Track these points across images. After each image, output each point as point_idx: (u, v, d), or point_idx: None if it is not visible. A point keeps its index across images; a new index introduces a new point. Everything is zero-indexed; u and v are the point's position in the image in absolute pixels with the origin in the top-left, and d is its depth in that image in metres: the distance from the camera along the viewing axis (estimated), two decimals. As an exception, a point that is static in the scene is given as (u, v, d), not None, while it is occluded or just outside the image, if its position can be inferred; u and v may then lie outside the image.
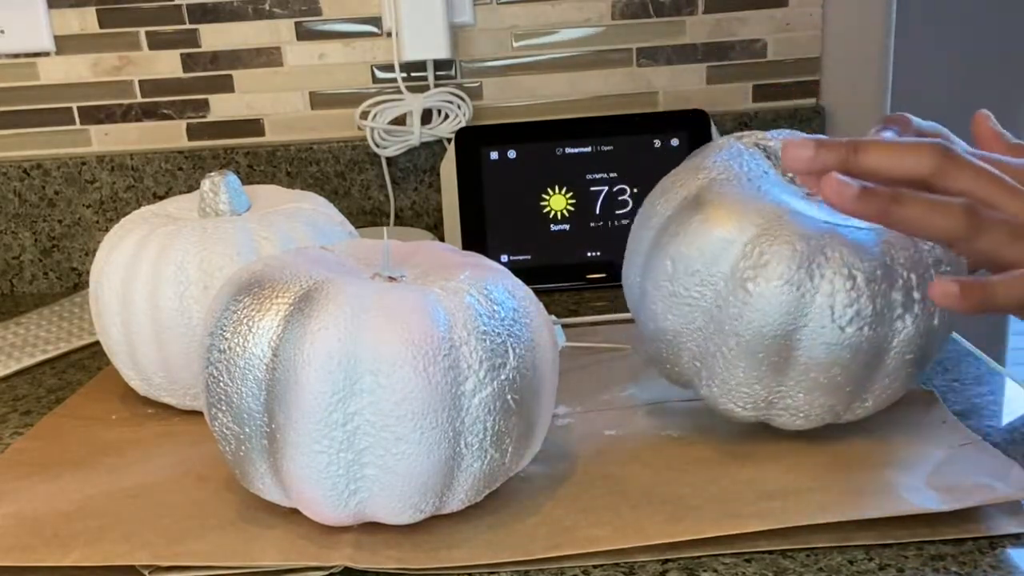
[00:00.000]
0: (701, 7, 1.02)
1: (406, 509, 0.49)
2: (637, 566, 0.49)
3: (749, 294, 0.52)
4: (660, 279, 0.56)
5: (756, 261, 0.52)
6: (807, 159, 0.47)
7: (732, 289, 0.53)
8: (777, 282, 0.51)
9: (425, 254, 0.56)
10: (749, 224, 0.53)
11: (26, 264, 1.07)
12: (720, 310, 0.53)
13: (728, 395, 0.56)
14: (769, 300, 0.52)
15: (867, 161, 0.46)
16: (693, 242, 0.54)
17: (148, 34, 1.03)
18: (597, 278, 0.93)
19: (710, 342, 0.54)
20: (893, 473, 0.54)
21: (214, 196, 0.69)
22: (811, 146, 0.47)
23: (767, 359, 0.53)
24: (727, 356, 0.54)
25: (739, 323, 0.53)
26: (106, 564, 0.51)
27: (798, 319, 0.52)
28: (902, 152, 0.46)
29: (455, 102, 1.02)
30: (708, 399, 0.57)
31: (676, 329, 0.56)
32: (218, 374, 0.49)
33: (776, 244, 0.52)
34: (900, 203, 0.45)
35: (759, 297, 0.52)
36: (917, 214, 0.45)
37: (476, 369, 0.48)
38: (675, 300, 0.55)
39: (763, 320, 0.52)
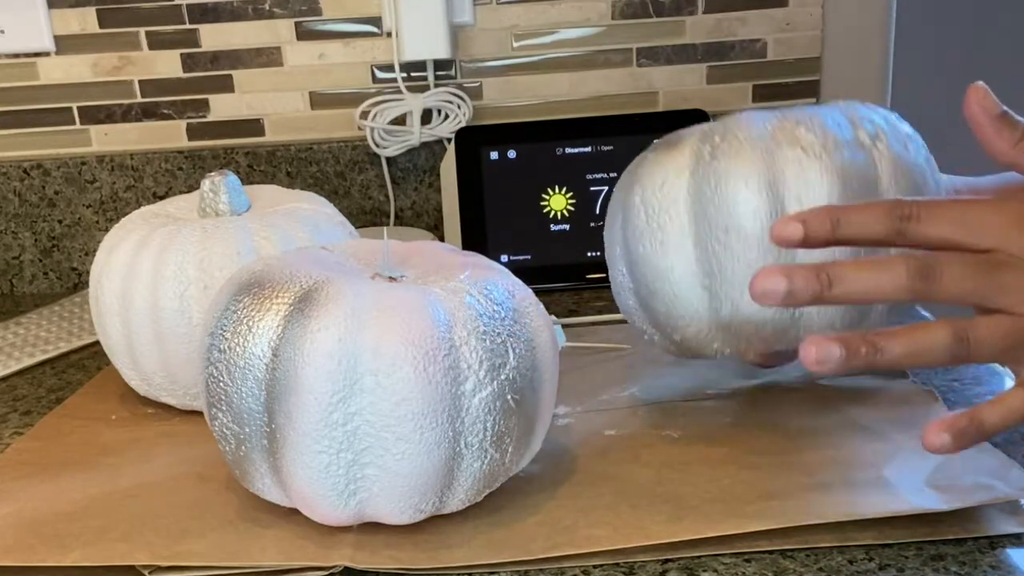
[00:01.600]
0: (701, 7, 1.02)
1: (406, 509, 0.49)
2: (637, 566, 0.49)
3: (717, 167, 0.53)
4: (638, 224, 0.56)
5: (714, 142, 0.54)
6: (781, 296, 0.44)
7: (703, 174, 0.54)
8: (738, 144, 0.54)
9: (425, 254, 0.56)
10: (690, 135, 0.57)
11: (26, 264, 1.07)
12: (698, 201, 0.54)
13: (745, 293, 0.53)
14: (739, 159, 0.53)
15: (843, 293, 0.44)
16: (653, 167, 0.56)
17: (148, 34, 1.03)
18: (597, 278, 0.93)
19: (705, 240, 0.54)
20: (893, 473, 0.54)
21: (214, 196, 0.69)
22: (781, 279, 0.44)
23: (765, 217, 0.52)
24: (727, 242, 0.53)
25: (721, 196, 0.53)
26: (106, 564, 0.51)
27: (773, 166, 0.53)
28: (878, 279, 0.44)
29: (455, 102, 1.02)
30: (735, 315, 0.55)
31: (672, 260, 0.55)
32: (218, 374, 0.49)
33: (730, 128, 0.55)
34: (841, 286, 0.44)
35: (729, 161, 0.53)
36: (861, 288, 0.44)
37: (476, 369, 0.48)
38: (658, 229, 0.55)
39: (742, 180, 0.53)
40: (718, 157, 0.54)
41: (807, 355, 0.43)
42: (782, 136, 0.54)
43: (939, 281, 0.44)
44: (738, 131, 0.55)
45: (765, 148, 0.53)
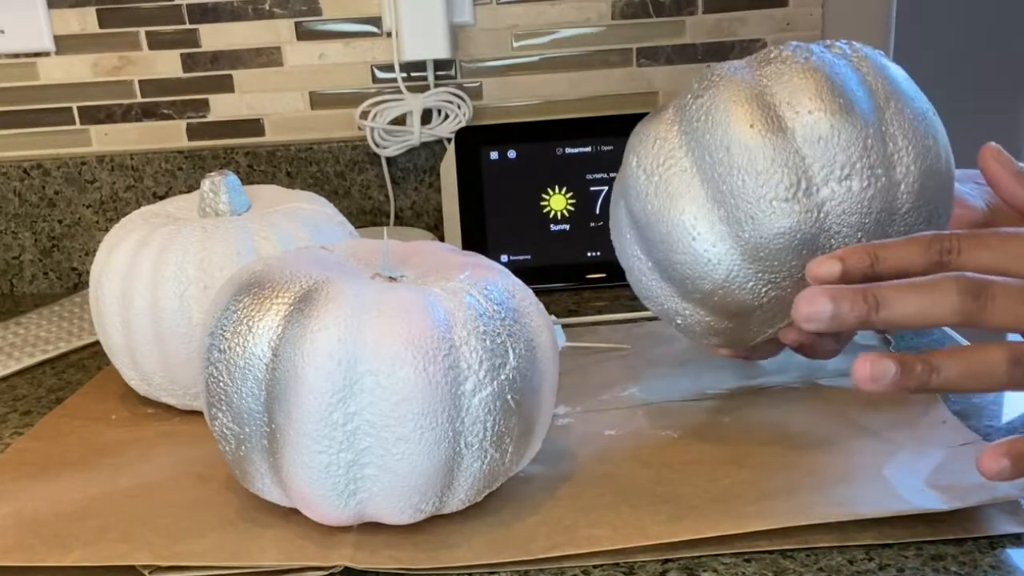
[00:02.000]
0: (701, 7, 1.02)
1: (406, 509, 0.49)
2: (637, 566, 0.49)
3: (705, 102, 0.54)
4: (639, 185, 0.56)
5: (698, 90, 0.55)
6: (827, 319, 0.43)
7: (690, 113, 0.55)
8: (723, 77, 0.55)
9: (425, 254, 0.56)
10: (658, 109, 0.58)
11: (26, 264, 1.07)
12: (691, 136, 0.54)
13: (765, 196, 0.52)
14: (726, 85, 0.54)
15: (890, 316, 0.43)
16: (639, 139, 0.57)
17: (148, 34, 1.03)
18: (597, 278, 0.93)
19: (709, 171, 0.53)
20: (893, 473, 0.54)
21: (214, 196, 0.69)
22: (827, 303, 0.43)
23: (762, 128, 0.52)
24: (728, 161, 0.52)
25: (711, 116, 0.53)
26: (106, 564, 0.51)
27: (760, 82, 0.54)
28: (927, 302, 0.42)
29: (455, 102, 1.02)
30: (757, 234, 0.53)
31: (680, 205, 0.54)
32: (218, 374, 0.49)
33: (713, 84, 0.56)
34: (889, 308, 0.42)
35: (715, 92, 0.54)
36: (910, 311, 0.42)
37: (476, 369, 0.48)
38: (661, 181, 0.55)
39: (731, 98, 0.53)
40: (701, 95, 0.55)
41: (861, 372, 0.42)
42: (758, 61, 0.55)
43: (991, 303, 0.42)
44: (714, 73, 0.56)
45: (744, 73, 0.54)
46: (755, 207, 0.52)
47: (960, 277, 0.42)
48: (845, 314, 0.43)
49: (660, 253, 0.56)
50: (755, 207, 0.52)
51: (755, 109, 0.53)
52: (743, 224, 0.53)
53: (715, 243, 0.54)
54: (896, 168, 0.53)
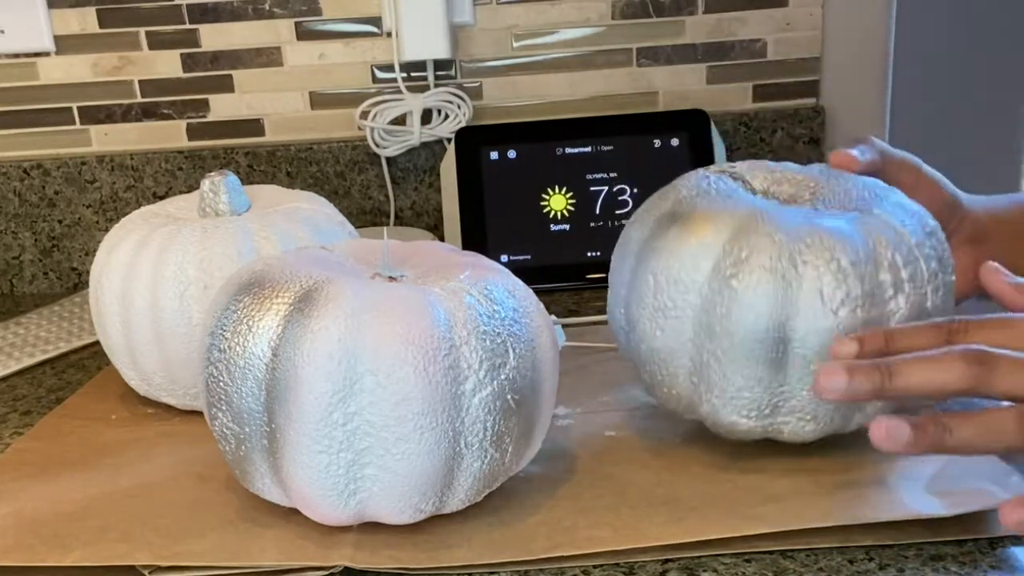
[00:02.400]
0: (701, 7, 1.02)
1: (406, 509, 0.49)
2: (637, 566, 0.49)
3: (734, 291, 0.52)
4: (645, 297, 0.55)
5: (737, 257, 0.52)
6: (841, 391, 0.46)
7: (717, 289, 0.52)
8: (760, 273, 0.51)
9: (425, 254, 0.56)
10: (725, 226, 0.53)
11: (26, 264, 1.07)
12: (708, 314, 0.53)
13: (730, 404, 0.54)
14: (755, 292, 0.51)
15: (902, 385, 0.45)
16: (673, 251, 0.54)
17: (148, 34, 1.03)
18: (597, 278, 0.93)
19: (704, 351, 0.53)
20: (893, 478, 0.54)
21: (214, 196, 0.69)
22: (843, 375, 0.46)
23: (764, 356, 0.52)
24: (722, 361, 0.53)
25: (729, 322, 0.52)
26: (106, 564, 0.51)
27: (787, 308, 0.51)
28: (936, 370, 0.45)
29: (455, 102, 1.02)
30: (710, 416, 0.55)
31: (668, 346, 0.55)
32: (218, 374, 0.49)
33: (755, 237, 0.52)
34: (901, 379, 0.45)
35: (744, 291, 0.51)
36: (921, 380, 0.45)
37: (476, 369, 0.48)
38: (662, 315, 0.54)
39: (752, 314, 0.51)
40: (738, 276, 0.52)
41: (877, 432, 0.44)
42: (805, 270, 0.52)
43: (996, 371, 0.44)
44: (764, 244, 0.52)
45: (784, 279, 0.52)
46: (719, 402, 0.55)
47: (967, 349, 0.45)
48: (860, 385, 0.46)
49: (634, 345, 0.58)
50: (719, 402, 0.55)
51: (770, 335, 0.52)
52: (703, 401, 0.55)
53: (678, 387, 0.56)
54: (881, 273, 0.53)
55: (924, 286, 0.53)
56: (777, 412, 0.54)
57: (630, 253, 0.58)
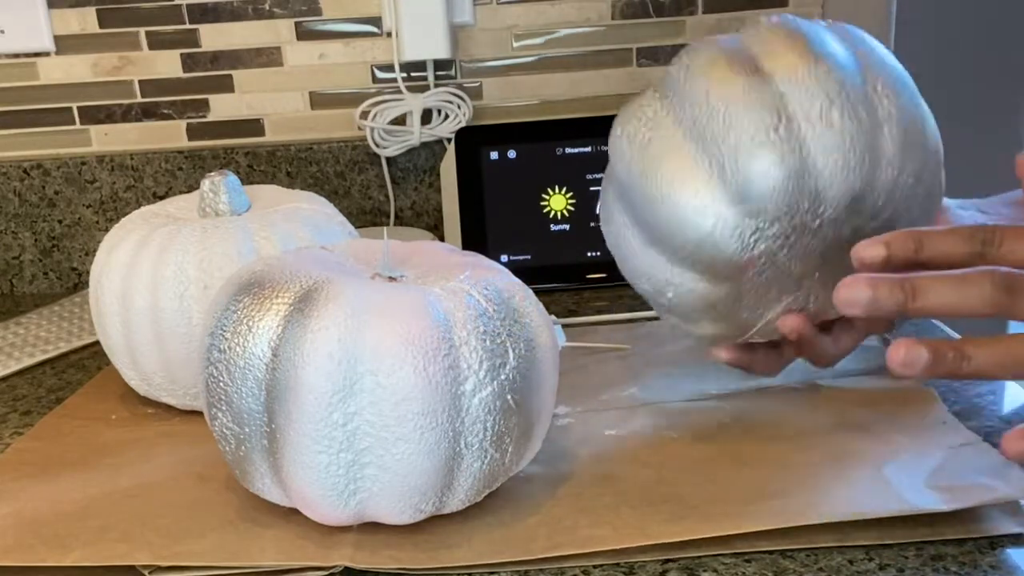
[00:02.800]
0: (701, 7, 1.02)
1: (406, 509, 0.49)
2: (637, 566, 0.49)
3: (687, 67, 0.54)
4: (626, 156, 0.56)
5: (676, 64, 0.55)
6: (865, 305, 0.45)
7: (672, 82, 0.55)
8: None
9: (425, 254, 0.56)
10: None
11: (26, 264, 1.07)
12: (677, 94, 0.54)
13: (755, 139, 0.52)
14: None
15: (926, 305, 0.44)
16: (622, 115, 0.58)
17: (148, 34, 1.03)
18: (597, 278, 0.93)
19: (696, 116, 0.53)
20: (893, 473, 0.54)
21: (214, 196, 0.69)
22: (866, 288, 0.45)
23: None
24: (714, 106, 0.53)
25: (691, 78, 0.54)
26: (106, 564, 0.51)
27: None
28: (961, 293, 0.44)
29: (455, 102, 1.02)
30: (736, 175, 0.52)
31: (666, 162, 0.54)
32: (218, 374, 0.49)
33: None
34: (926, 298, 0.44)
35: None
36: (945, 301, 0.44)
37: (476, 369, 0.48)
38: (645, 146, 0.55)
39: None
40: (679, 60, 0.55)
41: (895, 356, 0.44)
42: (734, 31, 0.56)
43: (1023, 297, 0.43)
44: (690, 45, 0.57)
45: (721, 39, 0.55)
46: (737, 148, 0.52)
47: (995, 271, 0.44)
48: (883, 300, 0.44)
49: (647, 213, 0.55)
50: (737, 148, 0.52)
51: (733, 59, 0.53)
52: (726, 167, 0.52)
53: (699, 190, 0.53)
54: (878, 111, 0.52)
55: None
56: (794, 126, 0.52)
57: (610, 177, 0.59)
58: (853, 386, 0.66)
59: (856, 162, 0.52)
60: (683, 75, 0.54)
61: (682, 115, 0.54)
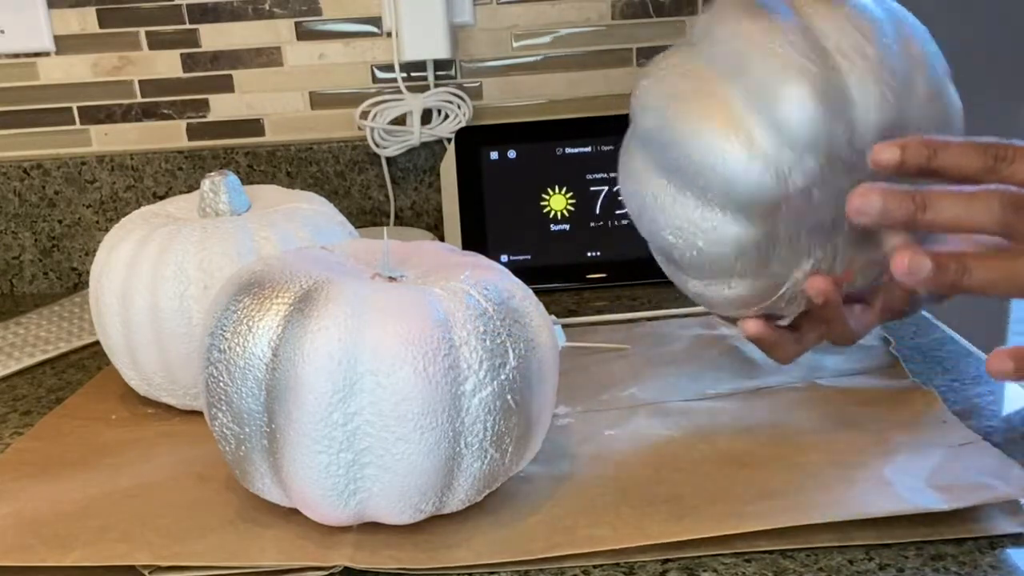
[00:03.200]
0: (701, 7, 1.02)
1: (406, 509, 0.49)
2: (637, 566, 0.49)
3: (714, 24, 0.54)
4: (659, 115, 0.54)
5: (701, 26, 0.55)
6: (876, 214, 0.46)
7: (701, 41, 0.54)
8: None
9: (425, 254, 0.56)
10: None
11: (26, 264, 1.07)
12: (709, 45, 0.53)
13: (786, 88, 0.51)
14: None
15: (936, 219, 0.45)
16: (646, 77, 0.56)
17: (148, 34, 1.03)
18: (597, 278, 0.93)
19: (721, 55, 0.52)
20: (893, 472, 0.54)
21: (214, 196, 0.69)
22: (878, 197, 0.45)
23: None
24: (746, 54, 0.52)
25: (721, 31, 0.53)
26: (106, 564, 0.51)
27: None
28: (970, 209, 0.45)
29: (455, 102, 1.02)
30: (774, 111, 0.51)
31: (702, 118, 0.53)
32: (218, 374, 0.49)
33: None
34: (935, 211, 0.45)
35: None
36: (954, 215, 0.44)
37: (476, 369, 0.48)
38: (678, 101, 0.53)
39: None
40: (709, 10, 0.55)
41: (899, 263, 0.44)
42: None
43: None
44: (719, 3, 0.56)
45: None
46: (772, 80, 0.51)
47: (1005, 191, 0.44)
48: (893, 210, 0.45)
49: (678, 155, 0.54)
50: (772, 80, 0.51)
51: (764, 2, 0.53)
52: (762, 99, 0.51)
53: (734, 124, 0.52)
54: (911, 53, 0.52)
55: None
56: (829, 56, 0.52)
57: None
58: (853, 386, 0.66)
59: (892, 95, 0.51)
60: (713, 20, 0.54)
61: (713, 56, 0.54)
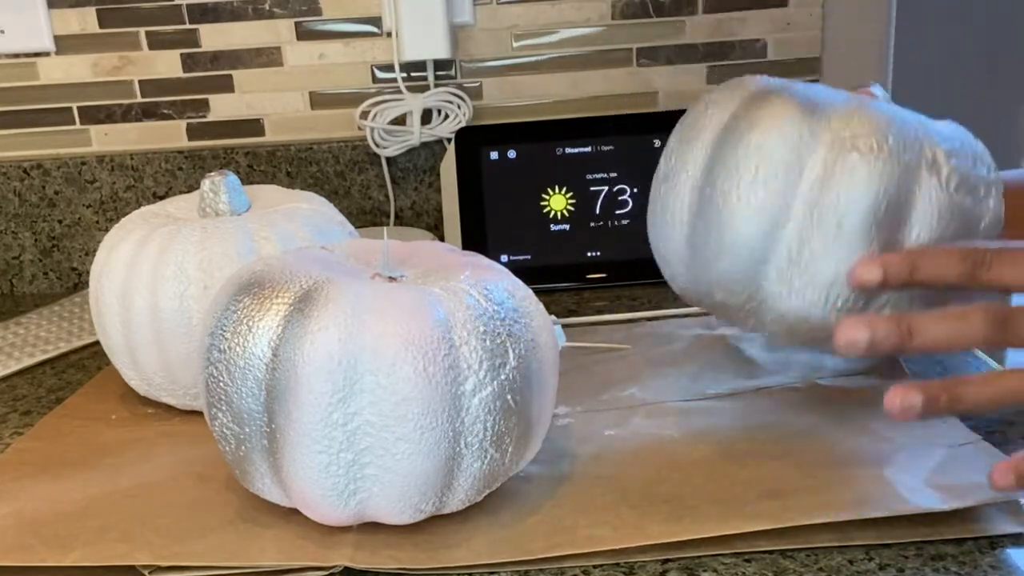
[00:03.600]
0: (701, 7, 1.02)
1: (406, 509, 0.49)
2: (637, 566, 0.49)
3: (855, 162, 0.50)
4: (743, 173, 0.52)
5: (857, 131, 0.51)
6: (862, 346, 0.46)
7: (835, 159, 0.50)
8: (884, 148, 0.50)
9: (425, 254, 0.56)
10: (831, 100, 0.53)
11: (26, 264, 1.07)
12: (823, 187, 0.50)
13: (827, 295, 0.51)
14: (877, 165, 0.50)
15: (924, 343, 0.46)
16: (783, 122, 0.52)
17: (148, 34, 1.03)
18: (597, 278, 0.93)
19: (810, 226, 0.50)
20: (893, 472, 0.54)
21: (214, 196, 0.69)
22: (865, 331, 0.46)
23: (878, 232, 0.50)
24: (832, 240, 0.50)
25: (846, 192, 0.50)
26: (106, 564, 0.51)
27: (907, 185, 0.50)
28: (956, 329, 0.46)
29: (455, 102, 1.02)
30: (793, 312, 0.52)
31: (764, 228, 0.51)
32: (218, 374, 0.49)
33: (874, 115, 0.51)
34: (922, 336, 0.46)
35: (866, 162, 0.50)
36: (941, 337, 0.46)
37: (476, 369, 0.48)
38: (763, 189, 0.51)
39: (873, 188, 0.50)
40: (858, 149, 0.51)
41: (891, 403, 0.46)
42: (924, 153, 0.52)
43: (1015, 330, 0.45)
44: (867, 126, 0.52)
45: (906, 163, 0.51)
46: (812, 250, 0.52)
47: (988, 308, 0.46)
48: (881, 340, 0.46)
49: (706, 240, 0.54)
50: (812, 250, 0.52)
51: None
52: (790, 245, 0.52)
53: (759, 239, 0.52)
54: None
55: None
56: (869, 306, 0.52)
57: (709, 129, 0.56)
58: (853, 386, 0.66)
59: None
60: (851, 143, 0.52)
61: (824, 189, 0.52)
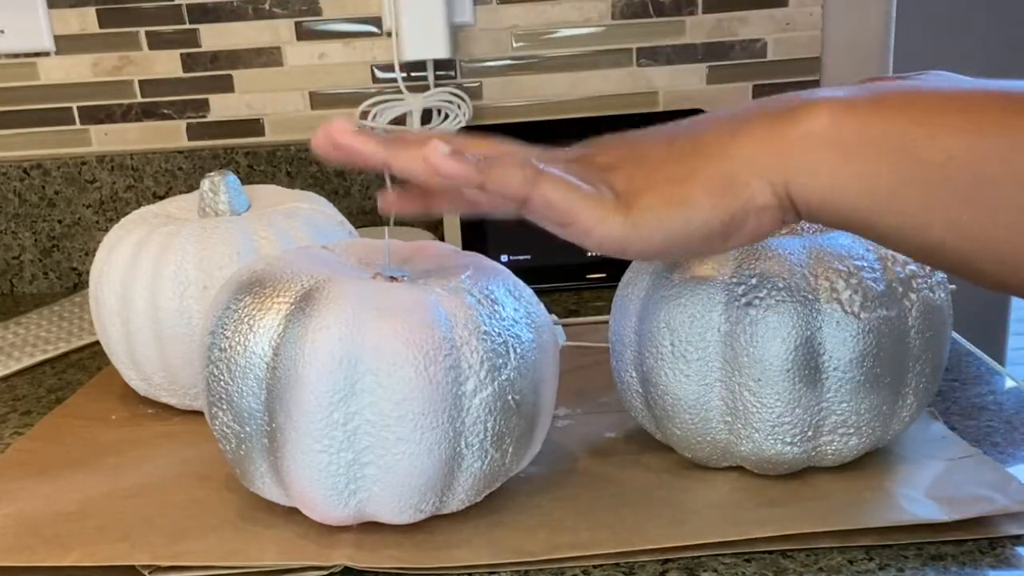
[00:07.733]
0: (701, 7, 1.02)
1: (406, 509, 0.49)
2: (637, 566, 0.49)
3: (755, 317, 0.51)
4: (661, 349, 0.54)
5: (750, 284, 0.52)
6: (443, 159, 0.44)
7: (736, 319, 0.51)
8: (778, 295, 0.51)
9: (426, 254, 0.56)
10: (726, 258, 0.53)
11: (26, 264, 1.06)
12: (731, 347, 0.52)
13: (772, 435, 0.52)
14: (777, 312, 0.51)
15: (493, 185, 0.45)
16: (680, 295, 0.53)
17: (148, 34, 1.03)
18: (597, 278, 0.93)
19: (734, 383, 0.52)
20: (893, 484, 0.54)
21: (214, 196, 0.69)
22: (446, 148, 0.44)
23: (798, 374, 0.51)
24: (757, 391, 0.52)
25: (756, 348, 0.51)
26: (106, 564, 0.51)
27: (812, 323, 0.51)
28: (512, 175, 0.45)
29: (455, 102, 1.02)
30: (753, 454, 0.53)
31: (696, 392, 0.53)
32: (219, 373, 0.49)
33: (762, 262, 0.52)
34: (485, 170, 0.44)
35: (767, 313, 0.51)
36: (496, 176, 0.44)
37: (477, 369, 0.48)
38: (683, 360, 0.53)
39: (780, 335, 0.51)
40: (754, 304, 0.52)
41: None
42: (820, 284, 0.52)
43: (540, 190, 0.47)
44: (773, 267, 0.52)
45: (803, 300, 0.51)
46: (760, 436, 0.53)
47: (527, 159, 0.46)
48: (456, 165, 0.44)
49: (657, 407, 0.56)
50: (760, 436, 0.53)
51: (799, 354, 0.51)
52: (743, 441, 0.54)
53: (712, 434, 0.54)
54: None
55: (929, 279, 0.53)
56: (820, 432, 0.53)
57: (631, 313, 0.57)
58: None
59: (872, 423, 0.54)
60: (749, 330, 0.52)
61: (731, 370, 0.53)
